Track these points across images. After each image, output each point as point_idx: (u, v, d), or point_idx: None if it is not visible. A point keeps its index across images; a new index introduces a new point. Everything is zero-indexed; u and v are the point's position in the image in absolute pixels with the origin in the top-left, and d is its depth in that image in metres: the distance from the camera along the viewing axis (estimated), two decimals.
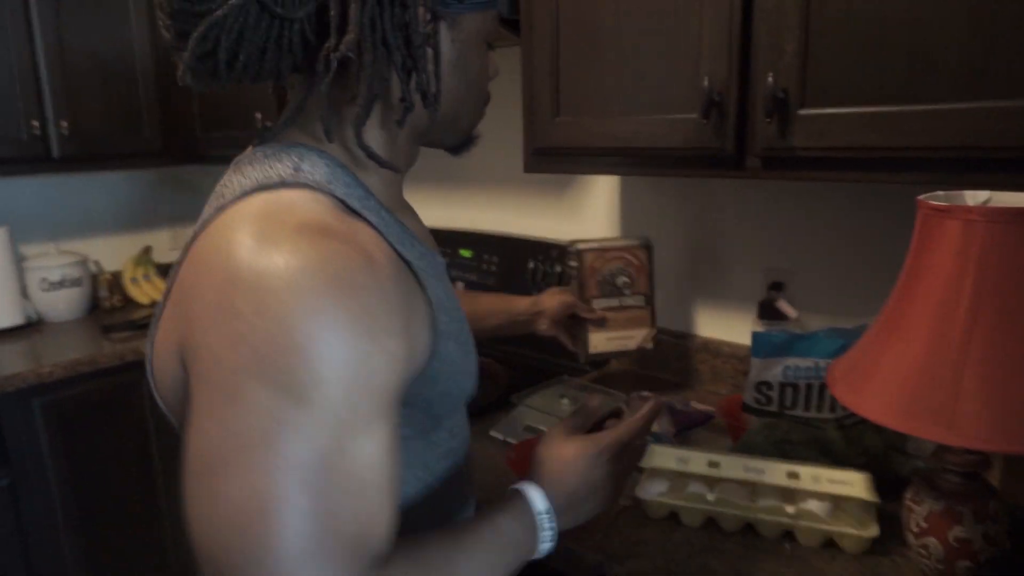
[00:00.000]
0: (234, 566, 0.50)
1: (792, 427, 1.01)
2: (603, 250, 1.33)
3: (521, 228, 1.77)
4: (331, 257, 0.52)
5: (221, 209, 0.58)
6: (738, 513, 0.92)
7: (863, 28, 0.89)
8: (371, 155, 0.64)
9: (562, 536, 0.70)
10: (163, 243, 2.55)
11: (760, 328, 1.35)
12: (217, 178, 0.73)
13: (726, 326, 1.46)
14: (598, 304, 1.36)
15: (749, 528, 0.94)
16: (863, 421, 0.99)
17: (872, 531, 0.87)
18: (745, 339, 1.41)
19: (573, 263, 1.35)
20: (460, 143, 0.76)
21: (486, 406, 1.36)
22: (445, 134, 0.73)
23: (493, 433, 1.26)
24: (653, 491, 0.99)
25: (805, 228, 1.32)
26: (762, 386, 1.03)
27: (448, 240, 1.83)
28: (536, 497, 0.67)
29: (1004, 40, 0.79)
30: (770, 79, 0.96)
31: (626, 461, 0.73)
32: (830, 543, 0.90)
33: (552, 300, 1.28)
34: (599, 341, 1.36)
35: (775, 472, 0.93)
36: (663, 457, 1.00)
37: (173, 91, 2.14)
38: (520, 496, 0.67)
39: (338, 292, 0.51)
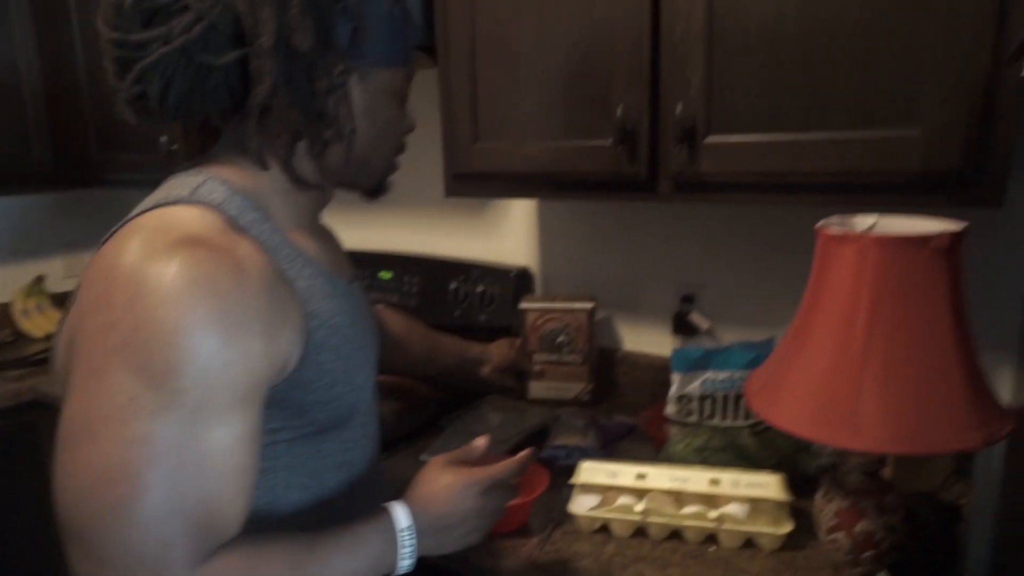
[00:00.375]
0: (88, 529, 0.56)
1: (711, 435, 1.07)
2: (545, 310, 1.45)
3: (442, 249, 1.78)
4: (201, 263, 0.60)
5: (123, 223, 0.67)
6: (665, 521, 0.97)
7: (760, 63, 0.96)
8: (299, 180, 0.73)
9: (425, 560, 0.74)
10: (57, 271, 2.40)
11: (675, 340, 1.42)
12: (114, 202, 0.78)
13: (643, 339, 1.52)
14: (539, 357, 1.47)
15: (675, 534, 0.99)
16: None
17: (786, 528, 0.94)
18: (661, 350, 1.49)
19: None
20: (373, 188, 0.84)
21: (416, 429, 1.36)
22: (357, 177, 0.81)
23: (423, 457, 1.27)
24: (585, 506, 1.02)
25: (714, 245, 1.40)
26: (683, 399, 1.09)
27: (368, 262, 1.81)
28: (401, 515, 0.72)
29: (885, 77, 0.88)
30: (679, 109, 1.02)
31: (496, 499, 0.79)
32: (749, 543, 0.96)
33: (500, 351, 1.41)
34: (538, 389, 1.49)
35: (698, 480, 0.99)
36: (593, 472, 1.04)
37: (65, 110, 2.03)
38: (386, 512, 0.73)
39: (202, 293, 0.59)
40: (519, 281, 1.59)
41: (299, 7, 0.67)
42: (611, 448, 1.26)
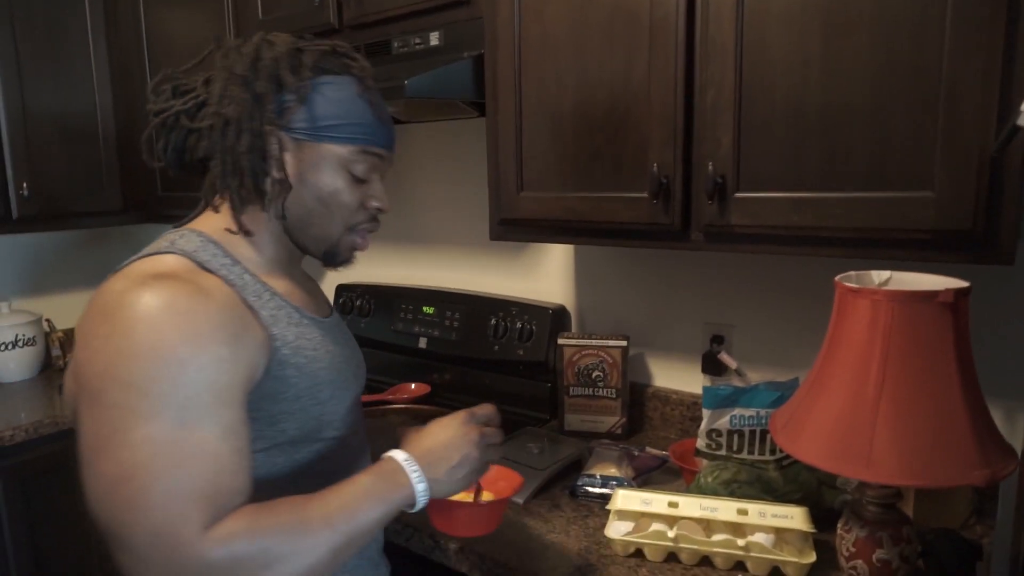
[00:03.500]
0: (121, 527, 0.67)
1: (739, 468, 1.15)
2: (581, 347, 1.55)
3: (483, 287, 1.89)
4: (167, 290, 0.72)
5: (115, 272, 0.80)
6: (696, 548, 1.05)
7: (785, 129, 1.06)
8: (242, 227, 0.87)
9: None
10: None
11: (704, 378, 1.50)
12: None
13: (673, 376, 1.60)
14: (574, 391, 1.57)
15: (706, 560, 1.06)
16: (798, 461, 1.14)
17: (811, 558, 1.01)
18: (690, 387, 1.57)
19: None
20: (325, 256, 0.92)
21: None
22: (302, 239, 0.91)
23: None
24: (620, 531, 1.10)
25: (742, 290, 1.49)
26: (712, 433, 1.17)
27: (412, 297, 1.93)
28: (395, 452, 0.82)
29: (899, 146, 0.97)
30: (710, 167, 1.12)
31: (478, 432, 0.87)
32: (776, 570, 1.03)
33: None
34: (574, 421, 1.59)
35: (727, 510, 1.06)
36: (628, 500, 1.12)
37: (134, 151, 2.19)
38: (381, 459, 0.82)
39: (169, 313, 0.71)
40: (556, 318, 1.69)
41: (235, 84, 0.84)
42: (643, 479, 1.34)
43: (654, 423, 1.62)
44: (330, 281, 2.26)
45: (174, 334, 0.70)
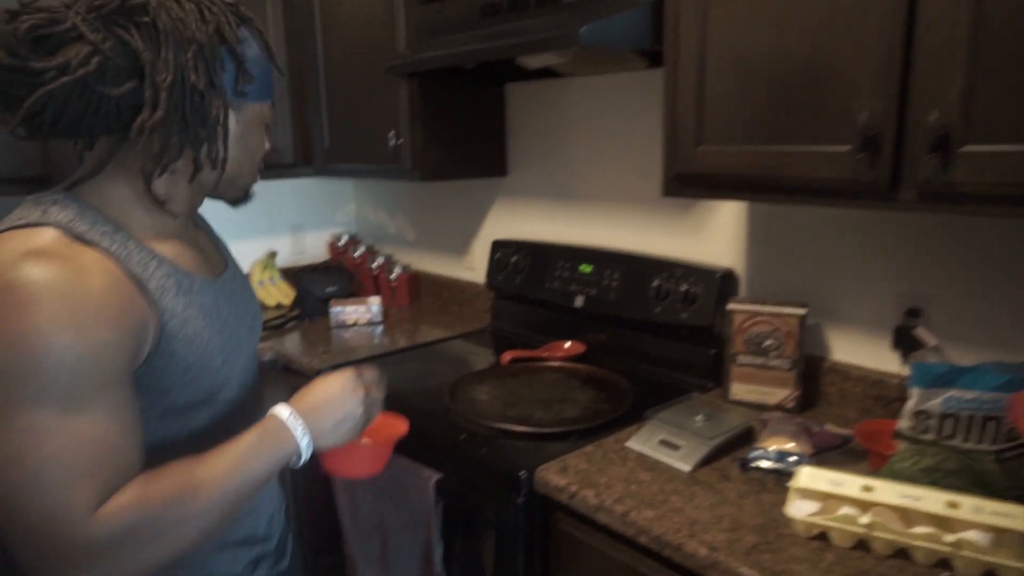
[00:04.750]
0: (9, 512, 0.68)
1: (945, 456, 1.03)
2: (753, 313, 1.46)
3: (645, 246, 1.83)
4: (45, 272, 0.69)
5: None
6: (894, 538, 0.95)
7: None
8: (155, 197, 0.83)
9: None
10: (285, 248, 2.72)
11: (895, 354, 1.37)
12: (339, 187, 0.89)
13: (855, 350, 1.47)
14: (743, 359, 1.47)
15: (901, 552, 0.97)
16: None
17: None
18: (876, 363, 1.43)
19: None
20: (239, 198, 0.95)
21: (617, 419, 1.42)
22: (227, 190, 0.91)
23: (629, 444, 1.32)
24: (804, 511, 1.02)
25: (948, 259, 1.32)
26: (921, 415, 1.06)
27: (569, 255, 1.90)
28: (280, 408, 0.84)
29: None
30: (933, 116, 0.99)
31: (361, 391, 0.90)
32: (989, 573, 0.92)
33: None
34: (740, 391, 1.49)
35: (933, 501, 0.95)
36: (814, 479, 1.04)
37: (306, 107, 2.28)
38: (268, 414, 0.84)
39: (48, 298, 0.68)
40: (723, 282, 1.60)
41: (193, 51, 0.77)
42: (819, 457, 1.24)
43: (831, 399, 1.50)
44: (485, 237, 2.28)
45: (53, 321, 0.68)
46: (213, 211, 1.03)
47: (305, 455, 0.84)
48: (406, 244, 2.64)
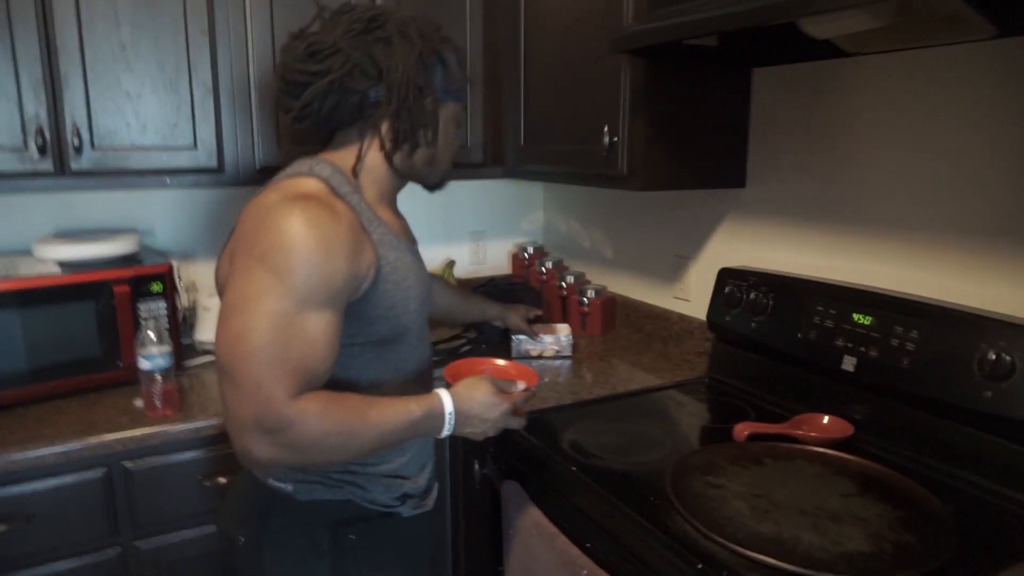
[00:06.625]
0: (229, 367, 0.88)
1: None
2: None
3: (958, 297, 1.29)
4: (310, 208, 0.93)
5: (267, 185, 1.03)
6: None
7: None
8: (394, 167, 1.10)
9: None
10: (464, 257, 2.44)
11: None
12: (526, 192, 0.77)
13: None
14: None
15: None
16: None
17: None
18: None
19: None
20: (436, 183, 1.20)
21: (938, 570, 0.92)
22: (429, 175, 1.16)
23: None
24: None
25: None
26: None
27: (834, 297, 1.40)
28: (447, 402, 1.05)
29: None
30: None
31: (504, 417, 1.11)
32: None
33: (514, 317, 1.81)
34: None
35: None
36: None
37: (497, 103, 1.97)
38: (437, 397, 1.04)
39: (310, 227, 0.91)
40: None
41: (415, 59, 1.04)
42: None
43: None
44: (707, 262, 1.83)
45: (312, 243, 0.90)
46: None
47: (440, 436, 1.06)
48: (602, 261, 2.25)
